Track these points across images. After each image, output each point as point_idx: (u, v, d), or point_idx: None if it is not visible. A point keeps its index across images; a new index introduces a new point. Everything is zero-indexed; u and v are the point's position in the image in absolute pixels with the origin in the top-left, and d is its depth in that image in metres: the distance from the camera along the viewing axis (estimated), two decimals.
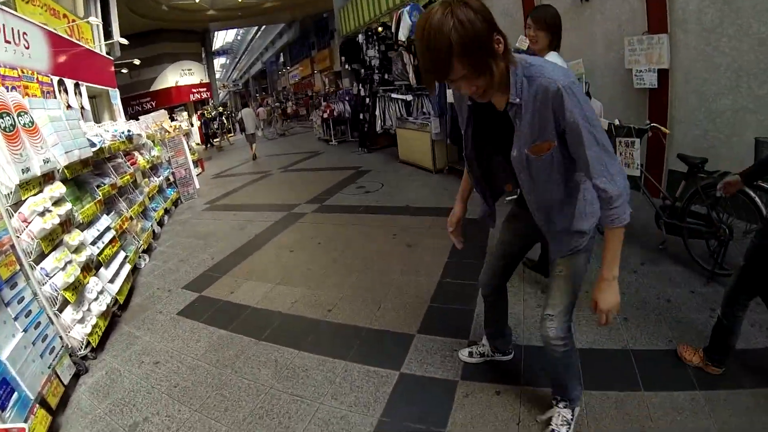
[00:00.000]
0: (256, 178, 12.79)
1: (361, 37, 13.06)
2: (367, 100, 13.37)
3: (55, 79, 9.46)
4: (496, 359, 3.33)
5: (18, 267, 3.87)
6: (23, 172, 4.15)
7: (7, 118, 4.11)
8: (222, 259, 6.57)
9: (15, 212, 4.21)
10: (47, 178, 4.61)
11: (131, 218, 6.85)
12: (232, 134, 30.45)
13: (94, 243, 5.30)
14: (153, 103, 29.52)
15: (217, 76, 46.17)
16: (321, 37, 35.87)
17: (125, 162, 7.40)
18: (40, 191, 4.44)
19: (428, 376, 3.31)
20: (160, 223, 8.81)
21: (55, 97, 9.39)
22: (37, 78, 8.63)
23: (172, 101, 30.24)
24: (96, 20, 11.27)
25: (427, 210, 7.19)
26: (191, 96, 31.77)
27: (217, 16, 29.75)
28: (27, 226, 4.23)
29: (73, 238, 4.73)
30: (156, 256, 7.32)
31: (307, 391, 3.34)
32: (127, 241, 6.73)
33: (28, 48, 8.67)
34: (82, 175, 5.67)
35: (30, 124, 4.46)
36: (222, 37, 48.08)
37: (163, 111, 12.29)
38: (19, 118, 4.32)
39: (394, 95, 11.53)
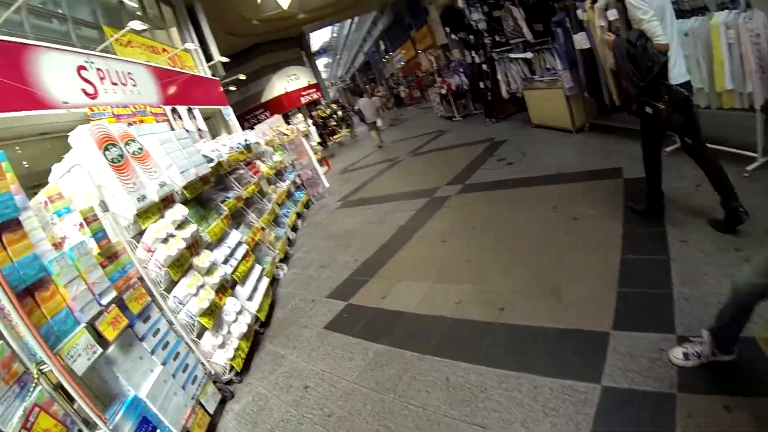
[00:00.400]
0: (386, 166, 12.16)
1: (461, 2, 11.92)
2: (484, 66, 12.12)
3: (168, 108, 9.81)
4: (717, 360, 2.39)
5: (149, 299, 3.67)
6: (139, 201, 3.89)
7: (114, 149, 3.88)
8: (366, 259, 5.99)
9: (138, 243, 3.95)
10: (167, 202, 4.33)
11: (263, 228, 6.59)
12: (352, 129, 30.38)
13: (226, 261, 5.01)
14: (267, 114, 29.76)
15: (324, 75, 46.69)
16: (416, 16, 34.70)
17: (248, 172, 7.17)
18: (161, 217, 4.15)
19: (637, 389, 2.45)
20: (294, 228, 8.60)
21: (171, 126, 9.64)
22: (150, 111, 8.93)
23: (284, 108, 30.53)
24: (192, 45, 11.52)
25: (581, 175, 6.03)
26: (302, 99, 32.05)
27: (308, 18, 29.77)
28: (152, 256, 3.96)
29: (203, 259, 4.43)
30: (294, 263, 7.03)
31: (490, 418, 2.62)
32: (262, 252, 6.47)
33: (135, 86, 9.07)
34: (205, 193, 5.44)
35: (139, 151, 4.21)
36: (319, 38, 48.56)
37: (277, 116, 12.15)
38: (127, 147, 4.09)
39: (512, 55, 10.45)
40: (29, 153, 6.69)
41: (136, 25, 8.40)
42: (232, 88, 20.38)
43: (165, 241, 3.97)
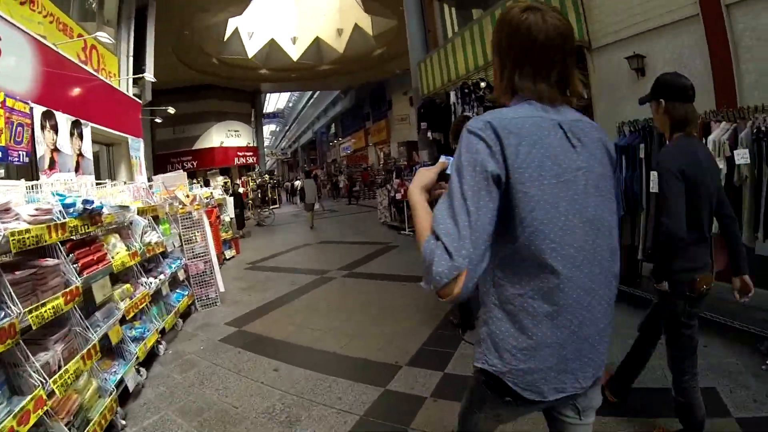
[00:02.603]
0: (310, 281, 8.65)
1: (453, 96, 9.48)
2: None
3: (39, 108, 6.58)
4: None
5: None
6: None
7: None
8: None
9: None
10: None
11: (50, 395, 3.10)
12: (277, 205, 27.98)
13: None
14: (194, 163, 27.79)
15: (266, 143, 44.55)
16: (377, 108, 33.97)
17: (68, 265, 3.73)
18: None
19: None
20: (150, 358, 5.14)
21: (32, 134, 6.42)
22: (3, 101, 5.68)
23: (214, 163, 28.39)
24: (107, 38, 8.15)
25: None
26: (236, 159, 29.50)
27: (269, 76, 28.04)
28: None
29: None
30: None
31: None
32: None
33: None
34: None
35: None
36: (274, 102, 47.05)
37: (180, 173, 8.48)
38: None
39: None
40: None
41: None
42: (159, 120, 17.59)
43: None
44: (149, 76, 11.60)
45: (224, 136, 28.98)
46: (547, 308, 1.39)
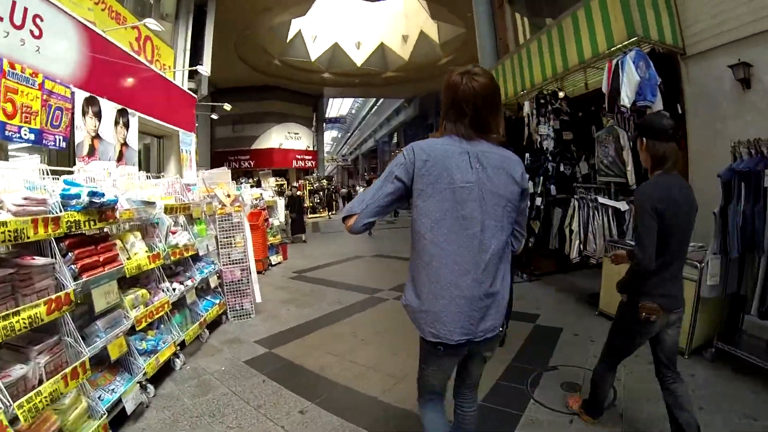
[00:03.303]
0: (358, 301, 7.76)
1: (527, 107, 8.47)
2: (539, 200, 8.20)
3: (81, 93, 6.19)
4: None
5: None
6: None
7: None
8: None
9: None
10: None
11: (16, 420, 2.56)
12: (333, 211, 28.47)
13: None
14: (251, 162, 28.16)
15: (327, 148, 44.42)
16: None
17: (61, 264, 3.20)
18: None
19: None
20: (163, 372, 4.59)
21: (72, 119, 6.02)
22: (42, 83, 5.27)
23: (273, 164, 28.44)
24: (153, 22, 7.78)
25: None
26: (294, 162, 29.36)
27: (332, 81, 27.78)
28: None
29: None
30: None
31: None
32: None
33: (38, 37, 5.50)
34: None
35: None
36: (336, 108, 46.90)
37: (224, 169, 7.86)
38: None
39: (601, 199, 6.78)
40: None
41: None
42: (214, 117, 17.42)
43: None
44: (203, 69, 11.32)
45: (284, 137, 28.97)
46: (424, 267, 2.11)
